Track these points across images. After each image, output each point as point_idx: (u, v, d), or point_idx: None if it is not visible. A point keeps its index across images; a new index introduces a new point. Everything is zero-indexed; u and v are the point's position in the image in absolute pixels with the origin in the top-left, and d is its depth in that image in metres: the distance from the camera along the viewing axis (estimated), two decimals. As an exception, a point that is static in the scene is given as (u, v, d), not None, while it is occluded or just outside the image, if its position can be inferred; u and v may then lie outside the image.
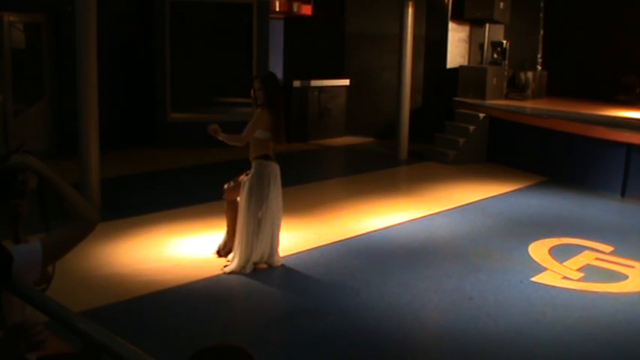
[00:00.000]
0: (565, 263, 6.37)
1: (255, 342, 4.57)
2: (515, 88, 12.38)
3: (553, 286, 5.80)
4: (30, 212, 2.31)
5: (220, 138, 5.85)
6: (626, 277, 6.07)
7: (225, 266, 6.02)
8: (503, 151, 11.18)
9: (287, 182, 9.56)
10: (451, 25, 12.65)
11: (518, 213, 8.32)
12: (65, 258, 2.30)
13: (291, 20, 14.39)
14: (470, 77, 12.16)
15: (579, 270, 6.20)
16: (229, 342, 1.73)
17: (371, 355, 4.65)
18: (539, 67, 12.99)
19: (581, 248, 6.81)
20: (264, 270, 6.01)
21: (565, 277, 6.01)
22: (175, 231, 7.11)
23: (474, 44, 12.91)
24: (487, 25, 12.57)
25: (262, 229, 5.94)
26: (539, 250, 6.76)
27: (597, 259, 6.53)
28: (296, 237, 7.03)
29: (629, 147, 8.92)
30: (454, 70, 12.53)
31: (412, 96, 12.05)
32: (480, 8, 12.02)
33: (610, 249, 6.80)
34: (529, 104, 11.87)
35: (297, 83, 13.19)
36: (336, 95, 13.80)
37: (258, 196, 5.90)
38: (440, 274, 6.12)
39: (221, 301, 5.47)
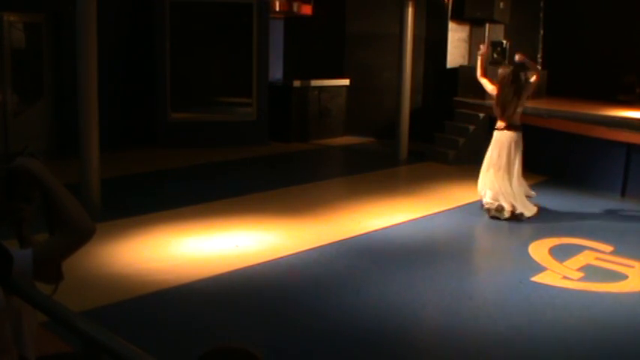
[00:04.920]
0: (565, 263, 6.37)
1: (254, 342, 4.57)
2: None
3: (553, 286, 5.80)
4: (37, 212, 2.29)
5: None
6: (626, 277, 6.07)
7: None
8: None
9: (287, 182, 9.65)
10: (451, 25, 12.64)
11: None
12: (65, 258, 2.30)
13: (291, 20, 14.39)
14: (470, 77, 12.12)
15: (579, 270, 6.20)
16: (238, 343, 1.72)
17: (371, 354, 4.65)
18: (539, 67, 12.97)
19: (581, 248, 6.81)
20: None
21: (565, 277, 6.01)
22: (175, 231, 7.11)
23: (474, 44, 12.89)
24: (487, 25, 12.56)
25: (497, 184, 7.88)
26: (539, 250, 6.76)
27: (597, 258, 6.53)
28: (296, 237, 7.03)
29: (629, 147, 8.91)
30: (454, 70, 12.53)
31: (412, 96, 12.05)
32: (480, 8, 12.01)
33: (610, 249, 6.80)
34: (529, 104, 11.84)
35: (297, 83, 13.20)
36: (336, 95, 13.80)
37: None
38: (440, 274, 6.12)
39: (221, 301, 5.47)
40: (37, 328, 2.43)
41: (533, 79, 8.01)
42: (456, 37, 12.79)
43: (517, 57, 8.18)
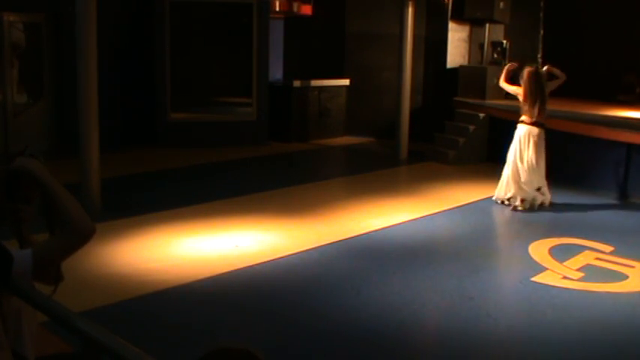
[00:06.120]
0: (565, 263, 6.37)
1: (254, 342, 4.57)
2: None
3: (553, 286, 5.80)
4: (37, 213, 2.29)
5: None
6: (626, 277, 6.07)
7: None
8: (504, 151, 11.15)
9: (287, 182, 9.65)
10: (451, 25, 12.64)
11: (518, 213, 8.31)
12: (65, 258, 2.30)
13: (291, 20, 14.39)
14: (470, 77, 12.15)
15: (579, 270, 6.20)
16: (239, 343, 1.72)
17: (371, 354, 4.65)
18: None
19: (581, 248, 6.81)
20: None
21: (565, 277, 6.01)
22: (175, 231, 7.11)
23: (474, 44, 12.90)
24: (487, 25, 12.56)
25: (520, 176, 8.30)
26: (539, 250, 6.76)
27: (597, 259, 6.53)
28: (296, 237, 7.03)
29: (629, 147, 8.91)
30: (454, 70, 12.53)
31: (412, 96, 12.05)
32: (480, 8, 12.01)
33: (610, 249, 6.80)
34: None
35: (297, 83, 13.19)
36: (336, 95, 13.80)
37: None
38: (440, 274, 6.12)
39: (221, 301, 5.47)
40: (37, 328, 2.43)
41: (557, 81, 8.61)
42: (456, 37, 12.79)
43: (545, 68, 8.62)
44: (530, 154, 8.29)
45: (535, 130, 8.31)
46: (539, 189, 8.39)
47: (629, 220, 8.16)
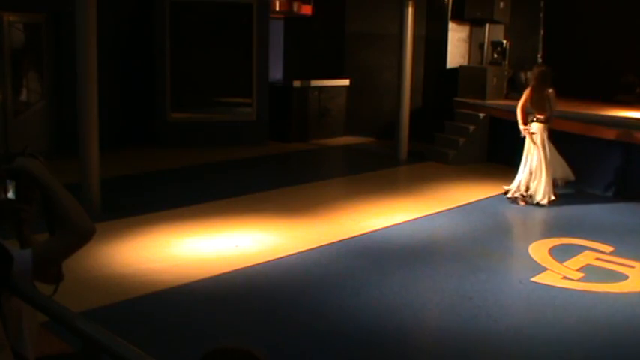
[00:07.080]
0: (565, 263, 6.37)
1: (254, 342, 4.57)
2: (515, 88, 12.37)
3: (553, 286, 5.81)
4: (38, 213, 2.29)
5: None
6: (626, 277, 6.07)
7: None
8: (504, 151, 11.17)
9: (287, 182, 9.65)
10: (451, 25, 12.63)
11: (518, 213, 8.32)
12: (65, 258, 2.29)
13: (291, 20, 14.39)
14: (470, 77, 12.15)
15: (579, 270, 6.20)
16: (240, 344, 1.72)
17: (371, 355, 4.66)
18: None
19: (581, 248, 6.81)
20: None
21: (565, 277, 6.02)
22: (175, 231, 7.11)
23: (474, 44, 12.89)
24: (487, 25, 12.56)
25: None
26: (539, 250, 6.76)
27: (597, 259, 6.53)
28: (296, 237, 7.03)
29: (629, 147, 8.91)
30: (454, 70, 12.53)
31: (412, 96, 12.04)
32: (480, 8, 12.01)
33: (610, 249, 6.80)
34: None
35: (297, 83, 13.19)
36: (336, 95, 13.79)
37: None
38: (440, 274, 6.13)
39: (221, 301, 5.48)
40: (37, 328, 2.43)
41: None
42: (456, 37, 12.78)
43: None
44: (545, 149, 8.49)
45: (540, 125, 8.51)
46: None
47: (629, 220, 8.16)
